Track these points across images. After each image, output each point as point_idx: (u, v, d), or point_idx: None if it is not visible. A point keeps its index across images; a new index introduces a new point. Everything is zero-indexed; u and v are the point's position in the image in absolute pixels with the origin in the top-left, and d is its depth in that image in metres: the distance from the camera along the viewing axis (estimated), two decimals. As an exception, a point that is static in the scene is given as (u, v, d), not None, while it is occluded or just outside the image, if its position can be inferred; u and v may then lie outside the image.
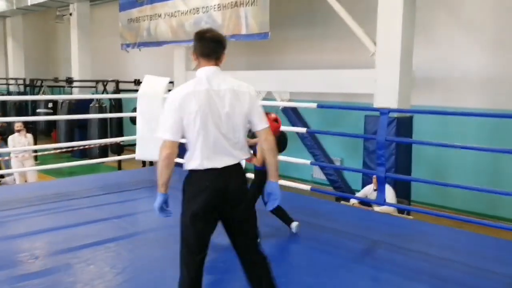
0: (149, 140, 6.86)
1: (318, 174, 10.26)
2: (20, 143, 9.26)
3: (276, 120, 4.21)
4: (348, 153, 9.83)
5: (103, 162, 10.54)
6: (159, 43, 10.84)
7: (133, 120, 12.80)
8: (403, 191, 7.07)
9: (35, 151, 10.46)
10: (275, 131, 3.96)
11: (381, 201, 4.70)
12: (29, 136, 9.51)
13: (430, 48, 8.68)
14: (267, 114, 4.01)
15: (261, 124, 2.74)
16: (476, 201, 8.09)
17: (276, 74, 9.34)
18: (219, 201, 2.60)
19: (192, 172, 2.63)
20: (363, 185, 7.45)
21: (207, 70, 2.70)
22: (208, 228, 2.65)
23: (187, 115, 2.58)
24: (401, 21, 7.09)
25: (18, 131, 9.28)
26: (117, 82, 12.73)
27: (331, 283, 3.53)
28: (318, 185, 8.80)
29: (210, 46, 2.71)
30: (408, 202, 7.14)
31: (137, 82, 13.42)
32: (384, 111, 4.63)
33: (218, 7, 9.15)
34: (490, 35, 8.27)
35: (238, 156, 2.68)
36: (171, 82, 9.53)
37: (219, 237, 2.77)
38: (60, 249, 4.06)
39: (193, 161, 2.61)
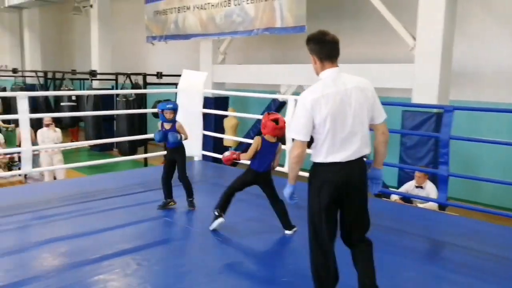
0: (189, 136, 6.82)
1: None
2: (49, 137, 9.24)
3: (276, 120, 4.11)
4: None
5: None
6: (187, 36, 10.75)
7: (154, 114, 12.88)
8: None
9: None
10: (272, 131, 4.07)
11: (444, 200, 4.63)
12: (58, 130, 9.48)
13: (462, 42, 8.55)
14: (269, 114, 4.19)
15: (381, 117, 2.90)
16: (506, 197, 7.99)
17: (308, 68, 9.21)
18: (341, 193, 2.78)
19: (317, 165, 2.81)
20: (400, 182, 7.38)
21: (332, 72, 2.81)
22: (333, 218, 2.84)
23: (318, 117, 2.72)
24: (443, 15, 6.99)
25: (47, 125, 9.26)
26: (144, 76, 12.61)
27: (406, 285, 3.47)
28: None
29: (333, 48, 2.82)
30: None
31: (160, 75, 13.38)
32: (448, 109, 4.54)
33: (251, 0, 9.05)
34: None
35: (361, 150, 2.81)
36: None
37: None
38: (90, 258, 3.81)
39: (319, 156, 2.79)
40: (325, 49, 2.81)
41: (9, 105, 16.02)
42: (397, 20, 7.84)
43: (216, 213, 4.28)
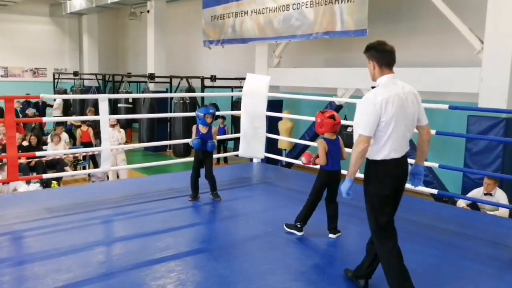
0: (253, 138, 6.95)
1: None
2: (113, 137, 9.60)
3: (332, 116, 4.24)
4: (436, 152, 9.56)
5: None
6: (244, 40, 10.91)
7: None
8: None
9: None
10: (334, 129, 4.20)
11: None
12: (122, 131, 9.84)
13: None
14: (322, 112, 4.37)
15: (426, 119, 3.24)
16: None
17: (365, 71, 9.14)
18: (399, 185, 3.13)
19: (378, 162, 3.07)
20: (464, 189, 7.22)
21: (392, 77, 3.13)
22: (392, 207, 3.15)
23: (385, 117, 2.99)
24: (513, 18, 6.81)
25: (113, 125, 9.62)
26: (202, 79, 12.88)
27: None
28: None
29: (392, 56, 3.14)
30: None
31: (214, 79, 13.61)
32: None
33: (310, 4, 9.10)
34: None
35: (408, 148, 3.15)
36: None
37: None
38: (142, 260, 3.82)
39: (381, 153, 3.05)
40: (386, 57, 3.12)
41: (69, 105, 16.78)
42: (462, 23, 7.68)
43: (299, 225, 4.37)
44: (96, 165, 11.03)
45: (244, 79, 12.32)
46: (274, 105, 10.66)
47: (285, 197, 5.94)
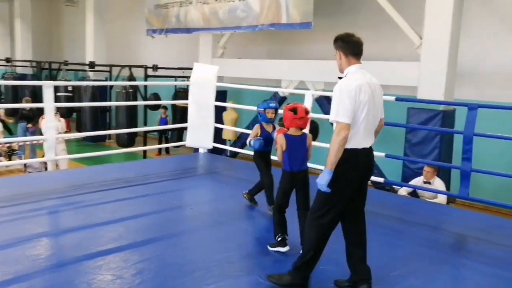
0: (201, 128, 6.91)
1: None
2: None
3: (294, 109, 3.64)
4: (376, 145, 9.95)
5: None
6: (188, 30, 10.77)
7: (150, 107, 12.95)
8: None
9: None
10: (297, 124, 3.64)
11: (465, 195, 4.82)
12: (62, 120, 9.46)
13: (463, 41, 8.78)
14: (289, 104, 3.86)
15: (383, 113, 3.27)
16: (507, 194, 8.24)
17: (311, 64, 9.38)
18: (365, 174, 3.14)
19: (350, 150, 3.00)
20: (404, 178, 7.56)
21: (359, 67, 3.15)
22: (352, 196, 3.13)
23: (358, 103, 2.98)
24: (451, 14, 7.18)
25: (51, 115, 9.20)
26: (146, 68, 12.57)
27: (443, 277, 3.62)
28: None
29: (358, 47, 3.18)
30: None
31: (156, 68, 13.35)
32: (473, 106, 4.74)
33: (256, -4, 9.14)
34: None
35: (373, 138, 3.18)
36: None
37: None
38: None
39: (353, 141, 3.00)
40: (353, 47, 3.16)
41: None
42: (403, 19, 8.02)
43: (279, 238, 3.77)
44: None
45: (187, 69, 12.32)
46: (219, 95, 10.60)
47: (234, 187, 5.95)
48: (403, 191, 6.74)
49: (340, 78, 3.16)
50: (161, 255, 3.69)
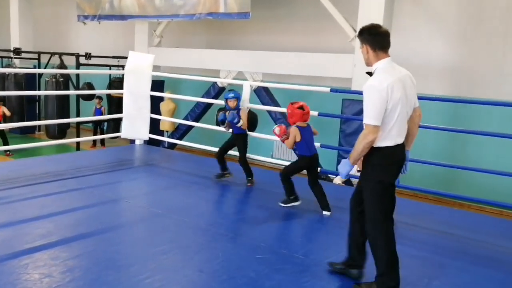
0: (136, 118, 6.72)
1: (279, 154, 10.50)
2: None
3: (302, 107, 4.59)
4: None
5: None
6: (123, 17, 10.41)
7: (83, 97, 12.38)
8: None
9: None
10: (303, 118, 4.59)
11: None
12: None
13: (394, 36, 9.08)
14: (292, 104, 4.62)
15: (418, 102, 3.18)
16: (432, 181, 8.68)
17: (249, 54, 9.36)
18: (400, 168, 3.11)
19: (385, 148, 2.98)
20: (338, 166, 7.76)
21: (389, 61, 3.03)
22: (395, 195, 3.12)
23: (391, 102, 2.90)
24: (383, 9, 7.42)
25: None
26: (78, 56, 11.95)
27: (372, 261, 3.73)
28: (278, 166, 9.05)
29: (387, 39, 3.05)
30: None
31: (89, 56, 12.80)
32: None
33: (193, -16, 8.97)
34: (452, 26, 8.80)
35: (406, 131, 3.10)
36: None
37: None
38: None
39: (388, 140, 2.97)
40: (381, 40, 3.02)
41: None
42: (338, 12, 8.17)
43: (292, 198, 4.70)
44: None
45: (122, 57, 11.92)
46: (156, 85, 10.35)
47: (172, 179, 5.86)
48: (338, 179, 6.92)
49: (368, 73, 3.09)
50: (93, 251, 3.54)
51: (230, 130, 5.46)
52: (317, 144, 5.93)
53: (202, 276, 3.25)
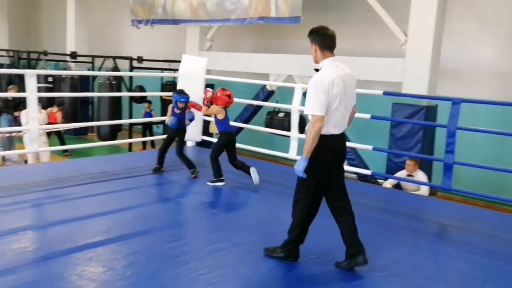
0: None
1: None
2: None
3: (229, 95, 5.44)
4: (358, 138, 10.00)
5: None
6: (175, 21, 10.66)
7: (135, 100, 12.74)
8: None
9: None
10: (227, 105, 5.45)
11: (448, 187, 4.92)
12: (44, 111, 9.27)
13: (445, 40, 8.88)
14: (223, 89, 5.46)
15: (356, 101, 3.48)
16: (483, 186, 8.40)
17: (299, 58, 9.38)
18: (335, 157, 3.37)
19: (320, 136, 3.23)
20: (388, 172, 7.65)
21: (334, 60, 3.33)
22: (328, 179, 3.37)
23: (330, 97, 3.19)
24: (435, 12, 7.29)
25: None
26: (131, 60, 12.35)
27: (427, 264, 3.72)
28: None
29: (333, 40, 3.34)
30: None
31: (140, 60, 13.19)
32: (456, 101, 4.82)
33: (244, -12, 9.09)
34: (504, 30, 8.52)
35: (346, 125, 3.42)
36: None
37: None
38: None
39: (324, 129, 3.22)
40: (327, 41, 3.32)
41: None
42: (389, 16, 8.09)
43: (221, 178, 5.38)
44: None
45: (174, 61, 12.21)
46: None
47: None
48: (388, 183, 6.85)
49: (316, 70, 3.35)
50: (151, 247, 3.66)
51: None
52: (369, 147, 5.92)
53: (258, 273, 3.31)
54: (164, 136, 6.26)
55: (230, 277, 3.23)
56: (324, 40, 3.32)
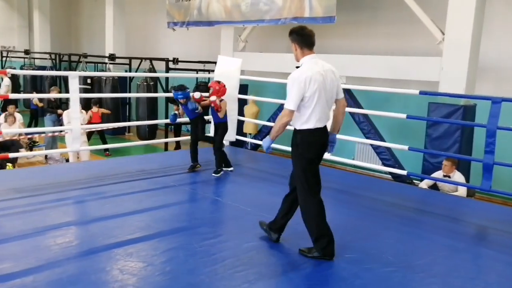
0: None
1: (360, 157, 10.34)
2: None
3: (224, 85, 6.00)
4: (393, 138, 9.89)
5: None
6: (210, 23, 10.80)
7: (170, 101, 12.95)
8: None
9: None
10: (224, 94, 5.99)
11: (487, 187, 4.83)
12: (84, 112, 9.56)
13: (485, 39, 8.67)
14: (218, 82, 6.01)
15: (342, 94, 3.67)
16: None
17: (333, 58, 9.28)
18: (322, 149, 3.60)
19: (305, 131, 3.49)
20: (424, 172, 7.53)
21: (313, 57, 3.51)
22: (318, 170, 3.62)
23: (309, 92, 3.38)
24: (473, 10, 7.11)
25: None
26: (167, 61, 12.60)
27: (467, 265, 3.68)
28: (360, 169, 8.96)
29: (311, 39, 3.53)
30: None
31: (176, 61, 13.41)
32: (497, 100, 4.73)
33: (278, -11, 9.12)
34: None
35: (328, 118, 3.59)
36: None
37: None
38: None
39: (308, 123, 3.46)
40: (307, 39, 3.51)
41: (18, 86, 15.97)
42: (425, 14, 7.96)
43: (224, 168, 6.00)
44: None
45: (208, 62, 12.37)
46: (240, 89, 10.62)
47: (258, 178, 6.05)
48: (424, 184, 6.75)
49: (297, 67, 3.51)
50: (188, 244, 3.76)
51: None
52: (405, 147, 5.87)
53: (294, 273, 3.36)
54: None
55: (266, 275, 3.29)
56: (302, 39, 3.50)
